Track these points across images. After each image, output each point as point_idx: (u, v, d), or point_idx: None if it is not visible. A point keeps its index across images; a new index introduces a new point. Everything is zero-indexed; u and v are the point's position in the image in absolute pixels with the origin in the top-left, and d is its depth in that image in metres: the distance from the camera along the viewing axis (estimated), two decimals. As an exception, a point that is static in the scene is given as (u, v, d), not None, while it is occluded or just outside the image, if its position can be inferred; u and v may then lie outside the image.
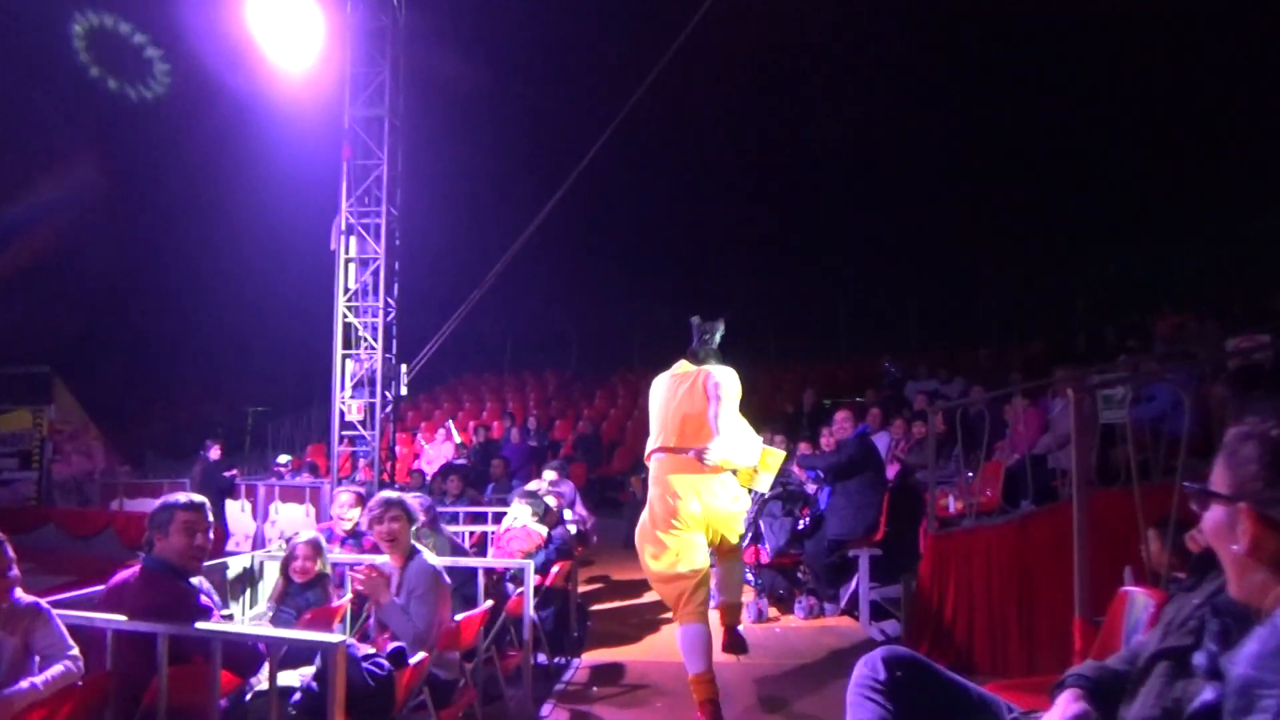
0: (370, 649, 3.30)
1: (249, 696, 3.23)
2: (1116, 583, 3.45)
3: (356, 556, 4.92)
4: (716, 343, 4.74)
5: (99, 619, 2.93)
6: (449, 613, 3.74)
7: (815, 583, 6.85)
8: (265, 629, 3.02)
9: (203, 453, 11.66)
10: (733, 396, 4.49)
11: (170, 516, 3.07)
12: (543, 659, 5.27)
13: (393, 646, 3.20)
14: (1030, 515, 5.13)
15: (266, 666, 2.90)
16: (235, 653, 2.94)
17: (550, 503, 6.22)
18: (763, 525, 6.96)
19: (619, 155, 10.05)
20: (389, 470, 10.03)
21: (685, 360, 4.67)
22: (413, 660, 3.21)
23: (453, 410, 16.53)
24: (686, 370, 4.56)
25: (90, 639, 2.96)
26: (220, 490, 10.61)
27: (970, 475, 6.49)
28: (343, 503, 5.59)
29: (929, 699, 1.97)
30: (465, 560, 4.53)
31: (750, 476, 4.72)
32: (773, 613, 6.72)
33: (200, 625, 2.87)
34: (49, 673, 2.82)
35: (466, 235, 13.37)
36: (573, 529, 6.76)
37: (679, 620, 4.34)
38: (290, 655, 3.33)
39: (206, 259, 18.12)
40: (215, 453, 11.63)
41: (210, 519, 3.19)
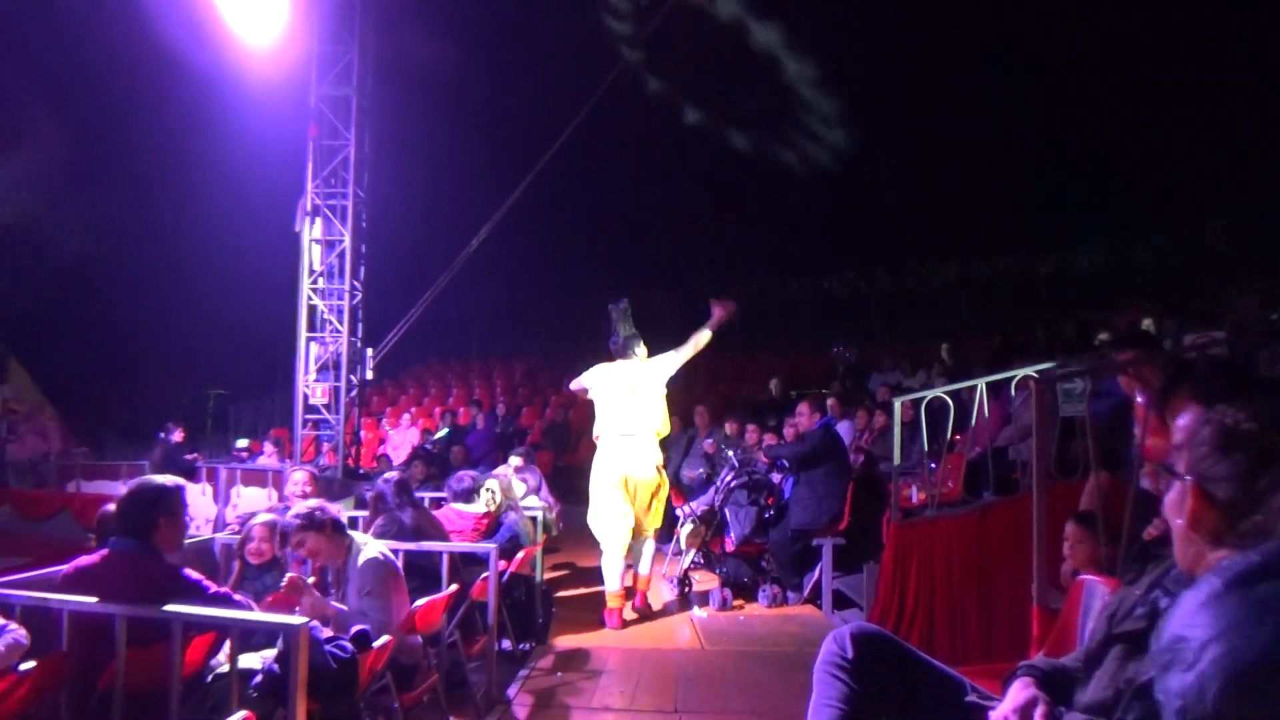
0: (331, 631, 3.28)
1: (210, 678, 3.19)
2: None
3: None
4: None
5: (72, 602, 2.83)
6: (405, 598, 3.71)
7: (779, 571, 6.90)
8: (228, 610, 2.98)
9: (163, 435, 11.47)
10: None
11: (180, 502, 3.13)
12: (507, 644, 5.26)
13: (356, 629, 3.17)
14: (991, 505, 5.21)
15: (226, 648, 2.87)
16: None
17: (493, 486, 6.06)
18: (728, 514, 7.01)
19: (589, 139, 10.01)
20: (353, 455, 9.95)
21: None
22: (377, 643, 3.19)
23: (419, 396, 16.41)
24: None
25: (47, 622, 2.90)
26: (181, 473, 10.43)
27: (934, 466, 6.57)
28: (296, 480, 5.54)
29: (895, 677, 2.00)
30: (428, 545, 4.50)
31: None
32: (736, 601, 6.77)
33: (213, 609, 2.89)
34: None
35: (434, 219, 13.24)
36: (539, 515, 6.74)
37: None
38: (249, 637, 3.30)
39: (168, 237, 17.79)
40: (178, 435, 11.45)
41: None
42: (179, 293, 21.19)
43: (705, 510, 7.19)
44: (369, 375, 10.02)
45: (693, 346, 6.50)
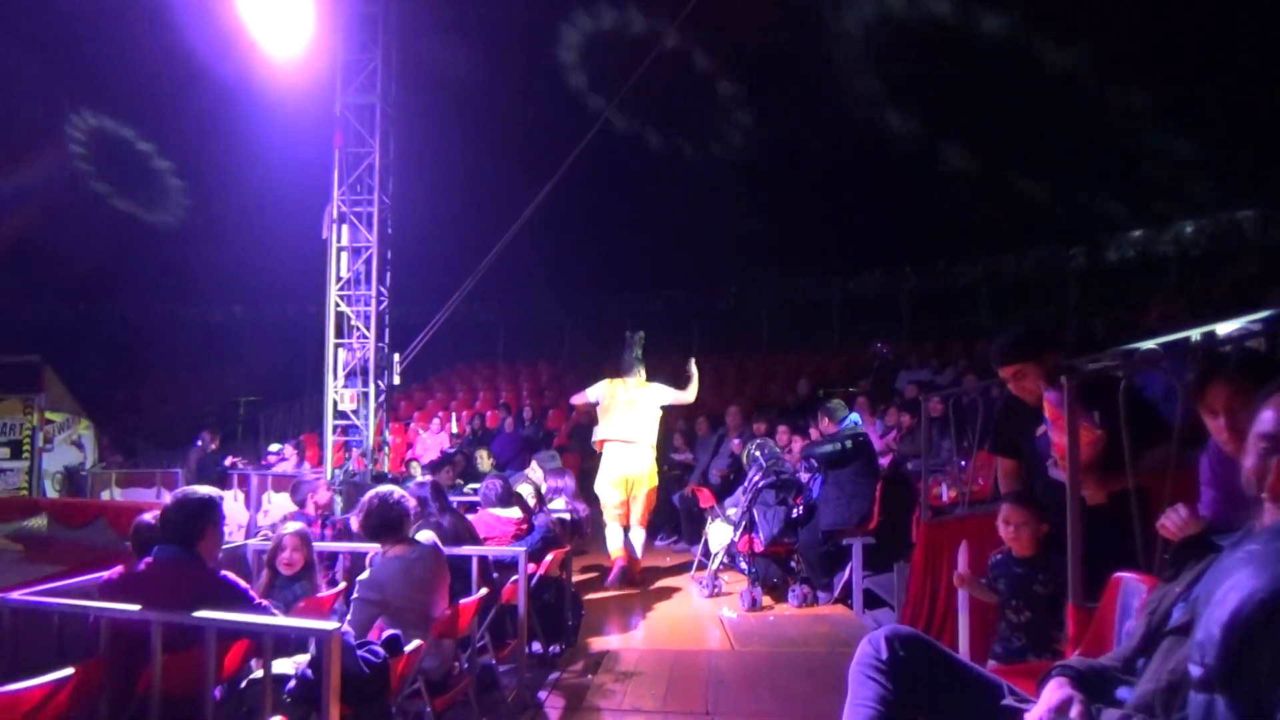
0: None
1: (244, 684, 3.22)
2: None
3: (337, 545, 5.00)
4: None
5: (109, 609, 2.90)
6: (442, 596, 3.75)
7: (809, 571, 6.87)
8: (261, 617, 3.01)
9: (199, 442, 11.62)
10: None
11: (220, 512, 3.23)
12: (538, 647, 5.27)
13: (388, 634, 3.19)
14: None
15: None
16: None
17: (526, 490, 6.21)
18: (756, 514, 6.97)
19: (613, 143, 10.01)
20: (381, 460, 10.02)
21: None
22: (408, 648, 3.21)
23: (446, 400, 16.50)
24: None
25: (85, 629, 2.94)
26: (215, 481, 10.59)
27: (963, 464, 6.50)
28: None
29: (930, 678, 1.98)
30: (468, 549, 4.52)
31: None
32: (766, 601, 6.74)
33: (247, 615, 2.96)
34: None
35: (459, 224, 13.29)
36: (566, 518, 6.75)
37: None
38: (283, 643, 3.34)
39: (199, 246, 18.03)
40: (212, 442, 11.61)
41: None
42: (209, 301, 21.53)
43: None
44: (396, 380, 10.08)
45: (687, 395, 7.98)
